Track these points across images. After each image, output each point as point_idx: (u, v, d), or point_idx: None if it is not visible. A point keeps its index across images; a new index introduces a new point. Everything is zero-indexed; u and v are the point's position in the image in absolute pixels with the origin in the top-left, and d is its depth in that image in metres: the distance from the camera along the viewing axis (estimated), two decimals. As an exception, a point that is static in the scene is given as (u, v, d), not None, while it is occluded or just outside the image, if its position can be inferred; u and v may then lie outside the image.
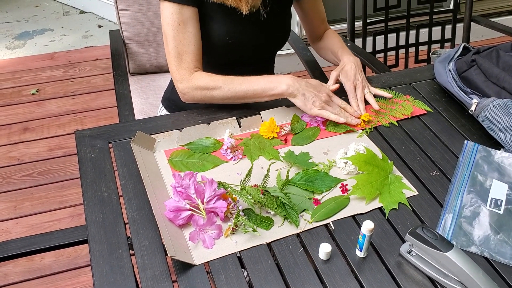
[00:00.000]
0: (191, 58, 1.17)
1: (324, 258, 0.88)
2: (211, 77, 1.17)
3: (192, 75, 1.17)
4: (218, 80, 1.16)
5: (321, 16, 1.42)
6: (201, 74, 1.17)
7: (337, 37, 1.41)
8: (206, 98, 1.18)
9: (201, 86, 1.16)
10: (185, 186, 0.94)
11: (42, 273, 1.75)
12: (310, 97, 1.14)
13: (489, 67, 1.21)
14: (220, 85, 1.15)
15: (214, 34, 1.21)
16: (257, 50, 1.31)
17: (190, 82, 1.16)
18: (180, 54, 1.16)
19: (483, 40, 3.07)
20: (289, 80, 1.15)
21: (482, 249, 0.91)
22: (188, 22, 1.15)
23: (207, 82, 1.16)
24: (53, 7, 3.38)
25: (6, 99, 2.55)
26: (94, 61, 2.86)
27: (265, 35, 1.29)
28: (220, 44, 1.23)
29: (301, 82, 1.16)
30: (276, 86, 1.14)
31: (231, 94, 1.16)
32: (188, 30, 1.15)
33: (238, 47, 1.25)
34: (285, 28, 1.34)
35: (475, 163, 1.08)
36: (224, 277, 0.85)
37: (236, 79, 1.16)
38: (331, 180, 1.04)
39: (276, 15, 1.28)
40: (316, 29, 1.44)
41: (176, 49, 1.16)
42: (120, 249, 0.89)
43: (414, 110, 1.24)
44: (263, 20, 1.24)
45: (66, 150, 2.26)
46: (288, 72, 2.78)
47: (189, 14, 1.14)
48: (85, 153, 1.09)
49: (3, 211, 1.97)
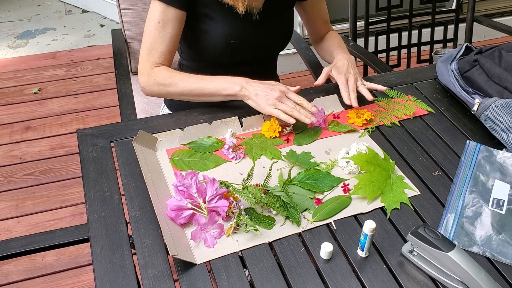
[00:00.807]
0: (158, 55, 1.19)
1: (326, 257, 0.88)
2: (170, 73, 1.18)
3: (153, 70, 1.19)
4: (175, 77, 1.17)
5: (324, 18, 1.42)
6: (160, 70, 1.19)
7: (337, 38, 1.40)
8: (163, 93, 1.20)
9: (158, 82, 1.18)
10: (187, 185, 0.94)
11: (43, 272, 1.76)
12: (262, 96, 1.12)
13: (491, 67, 1.20)
14: (176, 82, 1.17)
15: (215, 34, 1.21)
16: (259, 50, 1.31)
17: (150, 76, 1.19)
18: (150, 49, 1.18)
19: (486, 40, 3.06)
20: (243, 81, 1.14)
21: (484, 249, 0.91)
22: (168, 23, 1.16)
23: (165, 78, 1.17)
24: (55, 6, 3.39)
25: (8, 98, 2.56)
26: (96, 60, 2.87)
27: (267, 36, 1.29)
28: (221, 45, 1.23)
29: (255, 83, 1.14)
30: (230, 86, 1.14)
31: (187, 91, 1.17)
32: (166, 30, 1.17)
33: (240, 47, 1.25)
34: (287, 29, 1.34)
35: (477, 163, 1.08)
36: (225, 276, 0.85)
37: (193, 77, 1.17)
38: (333, 179, 1.03)
39: (278, 16, 1.28)
40: (318, 31, 1.43)
41: (148, 44, 1.18)
42: (121, 248, 0.89)
43: (416, 111, 1.24)
44: (265, 21, 1.24)
45: (68, 149, 2.27)
46: (290, 72, 2.78)
47: (172, 16, 1.16)
48: (87, 152, 1.09)
49: (5, 209, 1.98)
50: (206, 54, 1.27)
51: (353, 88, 1.20)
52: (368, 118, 1.19)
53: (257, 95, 1.13)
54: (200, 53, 1.29)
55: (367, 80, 1.28)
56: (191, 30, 1.23)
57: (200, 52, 1.28)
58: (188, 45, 1.30)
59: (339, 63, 1.25)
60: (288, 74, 2.77)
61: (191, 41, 1.27)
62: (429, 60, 1.92)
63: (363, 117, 1.19)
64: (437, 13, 1.86)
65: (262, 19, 1.24)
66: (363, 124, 1.19)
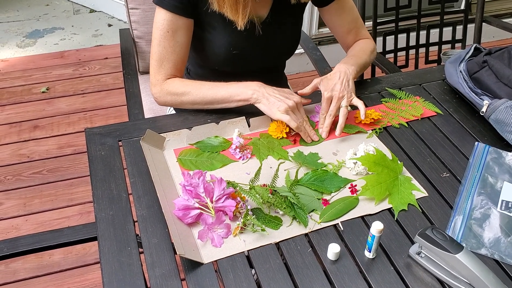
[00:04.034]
0: (170, 66, 1.18)
1: (333, 258, 0.88)
2: (182, 82, 1.18)
3: (166, 81, 1.18)
4: (187, 86, 1.17)
5: (346, 27, 1.30)
6: (173, 80, 1.18)
7: (359, 46, 1.30)
8: (177, 103, 1.19)
9: (172, 92, 1.17)
10: (194, 185, 0.94)
11: (50, 270, 1.77)
12: (275, 102, 1.10)
13: (500, 68, 1.20)
14: (189, 91, 1.16)
15: (217, 44, 1.20)
16: (263, 61, 1.29)
17: (162, 87, 1.18)
18: (161, 59, 1.17)
19: (495, 41, 3.04)
20: (256, 86, 1.13)
21: (492, 252, 0.90)
22: (177, 31, 1.15)
23: (178, 88, 1.17)
24: (63, 6, 3.40)
25: (17, 97, 2.58)
26: (104, 59, 2.88)
27: (272, 46, 1.26)
28: (224, 55, 1.22)
29: (268, 88, 1.13)
30: (242, 91, 1.13)
31: (200, 99, 1.16)
32: (176, 39, 1.15)
33: (243, 58, 1.24)
34: (293, 38, 1.30)
35: (485, 164, 1.07)
36: (232, 276, 0.85)
37: (205, 84, 1.16)
38: (340, 180, 1.03)
39: (283, 27, 1.24)
40: (342, 40, 1.34)
41: (159, 54, 1.17)
42: (129, 247, 0.89)
43: (424, 112, 1.23)
44: (269, 33, 1.22)
45: (76, 148, 2.28)
46: (297, 72, 2.78)
47: (181, 24, 1.14)
48: (95, 151, 1.09)
49: (13, 208, 1.99)
50: (210, 62, 1.26)
51: (331, 113, 1.14)
52: (375, 118, 1.18)
53: (270, 99, 1.11)
54: (204, 60, 1.28)
55: (374, 82, 1.27)
56: (195, 37, 1.21)
57: (204, 59, 1.28)
58: (193, 51, 1.29)
59: (332, 74, 1.17)
60: (295, 74, 2.77)
61: (196, 47, 1.26)
62: (437, 61, 1.91)
63: (371, 117, 1.18)
64: (445, 13, 1.85)
65: (266, 31, 1.21)
66: (370, 124, 1.18)
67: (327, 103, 1.15)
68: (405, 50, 1.89)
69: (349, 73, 1.16)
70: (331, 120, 1.14)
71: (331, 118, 1.14)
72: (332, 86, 1.14)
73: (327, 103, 1.15)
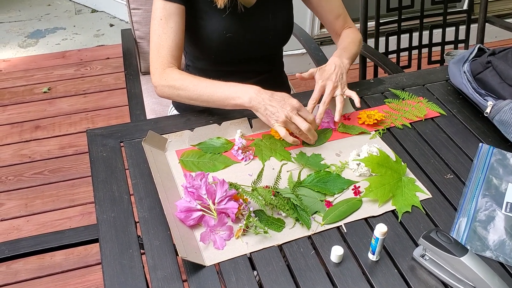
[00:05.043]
0: (166, 53, 1.18)
1: (336, 261, 0.87)
2: (181, 75, 1.17)
3: (164, 71, 1.18)
4: (185, 80, 1.16)
5: (335, 12, 1.34)
6: (172, 71, 1.18)
7: (349, 37, 1.33)
8: (174, 96, 1.19)
9: (170, 84, 1.17)
10: (197, 187, 0.93)
11: (52, 271, 1.76)
12: (272, 112, 1.08)
13: (504, 69, 1.19)
14: (186, 85, 1.15)
15: (211, 29, 1.22)
16: (258, 46, 1.30)
17: (161, 77, 1.18)
18: (158, 48, 1.18)
19: (497, 41, 3.03)
20: (253, 92, 1.10)
21: (497, 254, 0.90)
22: (170, 17, 1.16)
23: (175, 81, 1.16)
24: (65, 6, 3.40)
25: (18, 97, 2.57)
26: (105, 60, 2.87)
27: (265, 30, 1.27)
28: (218, 39, 1.22)
29: (265, 95, 1.10)
30: (239, 96, 1.11)
31: (196, 96, 1.15)
32: (169, 25, 1.17)
33: (237, 42, 1.24)
34: (286, 23, 1.31)
35: (490, 166, 1.06)
36: (234, 278, 0.85)
37: (204, 81, 1.15)
38: (343, 182, 1.03)
39: (275, 9, 1.26)
40: (331, 26, 1.37)
41: (155, 43, 1.18)
42: (131, 249, 0.89)
43: (427, 113, 1.22)
44: (261, 14, 1.23)
45: (77, 149, 2.27)
46: (299, 72, 2.76)
47: (173, 10, 1.16)
48: (96, 152, 1.09)
49: (14, 208, 1.99)
50: (206, 51, 1.27)
51: (325, 100, 1.15)
52: (378, 119, 1.17)
53: (267, 110, 1.09)
54: (202, 50, 1.28)
55: (377, 83, 1.27)
56: (190, 28, 1.23)
57: (200, 49, 1.28)
58: (189, 44, 1.30)
59: (327, 67, 1.19)
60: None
61: (191, 40, 1.27)
62: (439, 61, 1.90)
63: (374, 118, 1.17)
64: (448, 13, 1.84)
65: (257, 14, 1.23)
66: (373, 124, 1.17)
67: (320, 91, 1.18)
68: (408, 50, 1.88)
69: (343, 67, 1.20)
70: (324, 108, 1.15)
71: (325, 106, 1.16)
72: (328, 76, 1.18)
73: (320, 91, 1.18)
